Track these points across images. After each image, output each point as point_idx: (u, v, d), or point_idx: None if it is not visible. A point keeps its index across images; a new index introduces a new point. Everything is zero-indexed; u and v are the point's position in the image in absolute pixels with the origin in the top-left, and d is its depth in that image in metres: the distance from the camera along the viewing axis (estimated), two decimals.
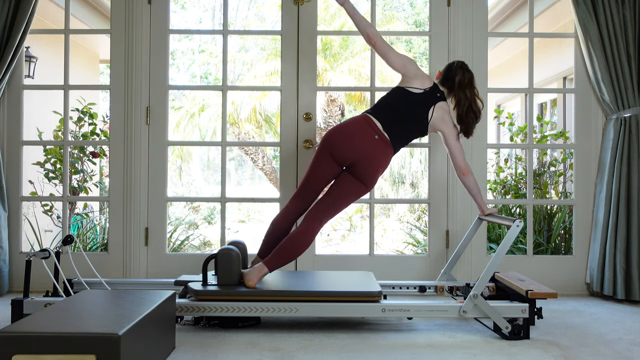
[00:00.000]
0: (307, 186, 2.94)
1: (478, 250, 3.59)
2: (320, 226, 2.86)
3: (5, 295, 3.46)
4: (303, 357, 2.32)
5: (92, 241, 4.80)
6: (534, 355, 2.38)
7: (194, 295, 2.67)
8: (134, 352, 1.85)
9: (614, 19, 3.44)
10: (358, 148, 2.80)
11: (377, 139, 2.82)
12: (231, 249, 2.76)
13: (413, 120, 2.90)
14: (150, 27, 3.62)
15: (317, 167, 2.90)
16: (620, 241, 3.40)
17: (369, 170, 2.82)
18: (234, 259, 2.74)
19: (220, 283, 2.74)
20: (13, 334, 1.76)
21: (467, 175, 2.96)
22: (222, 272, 2.74)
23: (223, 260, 2.74)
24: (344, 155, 2.82)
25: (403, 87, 2.95)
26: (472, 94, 2.96)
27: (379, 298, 2.67)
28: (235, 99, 10.88)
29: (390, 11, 13.79)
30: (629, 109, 3.44)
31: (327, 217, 2.86)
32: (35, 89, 4.74)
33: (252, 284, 2.70)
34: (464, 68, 3.00)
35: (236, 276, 2.75)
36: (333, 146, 2.84)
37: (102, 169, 5.62)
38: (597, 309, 3.24)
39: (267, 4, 13.67)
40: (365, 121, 2.86)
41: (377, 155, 2.82)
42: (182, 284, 2.87)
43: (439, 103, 2.93)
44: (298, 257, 2.84)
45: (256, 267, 2.75)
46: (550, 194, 4.84)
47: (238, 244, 2.95)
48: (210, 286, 2.72)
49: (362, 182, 2.84)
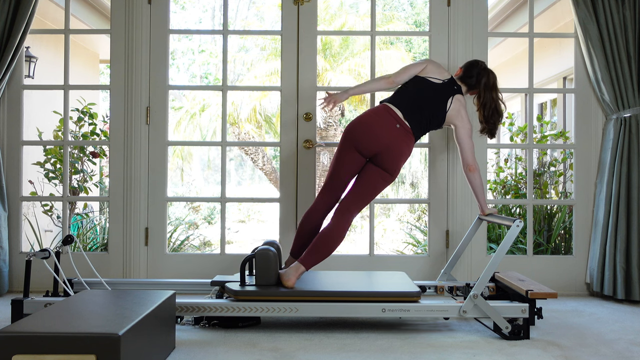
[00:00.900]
0: (334, 180, 2.97)
1: (478, 250, 3.59)
2: (352, 218, 2.87)
3: (5, 295, 3.46)
4: (303, 357, 2.32)
5: (92, 241, 4.80)
6: (534, 355, 2.38)
7: (233, 296, 2.67)
8: (134, 352, 1.85)
9: (614, 19, 3.44)
10: (380, 138, 2.84)
11: (398, 128, 2.86)
12: (269, 249, 2.76)
13: (432, 109, 2.95)
14: (150, 27, 3.62)
15: (341, 160, 2.93)
16: (620, 241, 3.40)
17: (393, 160, 2.85)
18: (271, 259, 2.74)
19: (259, 283, 2.74)
20: (13, 334, 1.76)
21: (474, 172, 3.00)
22: (260, 273, 2.74)
23: (261, 260, 2.74)
24: (368, 146, 2.86)
25: (423, 77, 3.01)
26: (497, 96, 3.07)
27: (418, 298, 2.68)
28: (235, 99, 10.88)
29: (390, 11, 13.80)
30: (629, 109, 3.44)
31: (357, 209, 2.89)
32: (35, 89, 4.74)
33: (291, 284, 2.71)
34: (488, 70, 3.09)
35: (274, 276, 2.75)
36: (356, 138, 2.88)
37: (102, 169, 5.62)
38: (597, 309, 3.24)
39: (267, 4, 13.68)
40: (385, 111, 2.90)
41: (399, 144, 2.85)
42: (219, 284, 2.87)
43: (457, 95, 3.00)
44: (333, 252, 2.84)
45: (293, 267, 2.76)
46: (550, 194, 4.84)
47: (273, 244, 2.95)
48: (249, 286, 2.72)
49: (387, 171, 2.86)
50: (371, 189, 2.88)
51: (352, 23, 11.19)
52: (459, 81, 3.07)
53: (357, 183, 2.91)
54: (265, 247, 2.80)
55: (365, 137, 2.86)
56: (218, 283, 2.89)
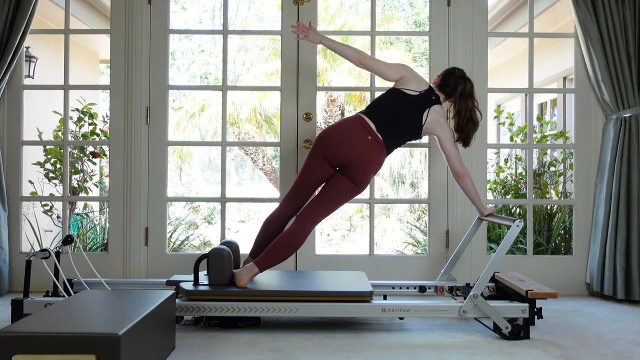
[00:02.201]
0: (300, 186, 2.94)
1: (478, 250, 3.59)
2: (312, 226, 2.84)
3: (5, 295, 3.46)
4: (303, 357, 2.32)
5: (92, 241, 4.80)
6: (534, 355, 2.38)
7: (185, 295, 2.67)
8: (134, 352, 1.85)
9: (614, 19, 3.44)
10: (351, 148, 2.79)
11: (370, 140, 2.81)
12: (223, 248, 2.76)
13: (407, 123, 2.89)
14: (150, 27, 3.62)
15: (309, 167, 2.89)
16: (620, 241, 3.40)
17: (362, 171, 2.80)
18: (225, 259, 2.74)
19: (212, 283, 2.74)
20: (13, 334, 1.76)
21: (464, 179, 2.95)
22: (213, 272, 2.74)
23: (214, 260, 2.74)
24: (337, 155, 2.81)
25: (398, 89, 2.94)
26: (473, 105, 2.98)
27: (370, 298, 2.67)
28: (235, 99, 10.88)
29: (390, 11, 13.80)
30: (629, 109, 3.44)
31: (319, 217, 2.85)
32: (35, 89, 4.75)
33: (243, 284, 2.71)
34: (466, 78, 3.01)
35: (227, 276, 2.74)
36: (326, 146, 2.83)
37: (102, 169, 5.62)
38: (597, 309, 3.24)
39: (267, 4, 13.68)
40: (359, 121, 2.85)
41: (370, 156, 2.81)
42: (174, 284, 2.87)
43: (434, 106, 2.93)
44: (289, 257, 2.82)
45: (247, 267, 2.76)
46: (550, 194, 4.84)
47: (230, 243, 2.96)
48: (202, 286, 2.72)
49: (355, 182, 2.82)
50: (336, 199, 2.85)
51: (352, 23, 11.18)
52: (437, 89, 3.00)
53: (323, 192, 2.86)
54: (219, 246, 2.79)
55: (335, 146, 2.81)
56: (173, 283, 2.89)
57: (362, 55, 3.03)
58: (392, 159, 10.90)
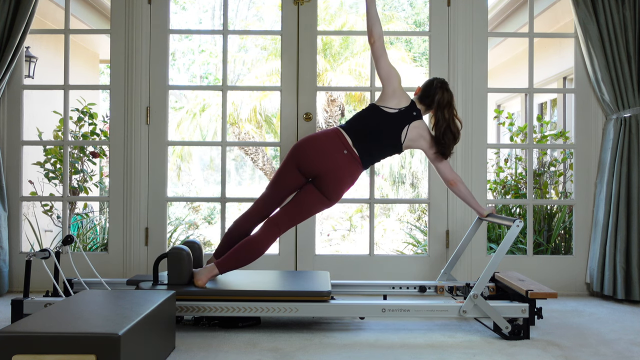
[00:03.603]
0: (271, 194, 2.93)
1: (478, 250, 3.59)
2: (278, 234, 2.83)
3: (5, 295, 3.46)
4: (303, 357, 2.32)
5: (92, 241, 4.80)
6: (534, 355, 2.38)
7: None
8: (134, 352, 1.85)
9: (614, 19, 3.44)
10: (325, 160, 2.76)
11: (345, 154, 2.78)
12: (182, 248, 2.76)
13: (386, 140, 2.86)
14: (150, 27, 3.62)
15: (282, 176, 2.87)
16: (620, 241, 3.40)
17: (333, 185, 2.77)
18: (184, 259, 2.73)
19: (171, 282, 2.74)
20: (13, 334, 1.76)
21: (457, 185, 2.93)
22: (172, 272, 2.74)
23: (173, 260, 2.73)
24: (310, 166, 2.78)
25: (378, 106, 2.89)
26: (451, 114, 2.90)
27: (328, 298, 2.67)
28: (235, 99, 10.88)
29: (390, 11, 13.81)
30: (629, 109, 3.44)
31: (286, 226, 2.83)
32: (35, 89, 4.75)
33: (201, 284, 2.70)
34: (444, 87, 2.93)
35: (186, 276, 2.74)
36: (300, 156, 2.80)
37: (102, 169, 5.62)
38: (597, 309, 3.24)
39: (267, 4, 13.67)
40: (336, 135, 2.81)
41: (343, 170, 2.77)
42: (134, 284, 2.87)
43: (414, 123, 2.88)
44: (252, 261, 2.79)
45: (207, 267, 2.76)
46: (550, 194, 4.84)
47: (192, 243, 2.95)
48: (160, 285, 2.73)
49: (326, 195, 2.79)
50: (305, 210, 2.82)
51: (352, 23, 11.19)
52: (418, 102, 2.93)
53: (293, 201, 2.84)
54: (179, 246, 2.79)
55: (309, 157, 2.78)
56: (133, 282, 2.89)
57: (379, 34, 2.94)
58: (392, 159, 10.90)
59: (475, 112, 3.60)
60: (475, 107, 3.60)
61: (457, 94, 3.59)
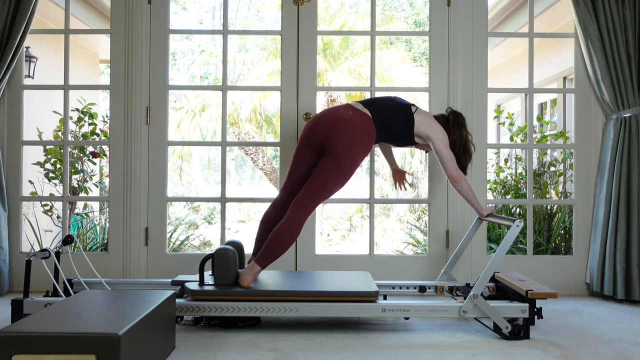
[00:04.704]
0: (291, 177, 2.97)
1: (478, 250, 3.59)
2: (305, 214, 2.79)
3: (5, 295, 3.46)
4: (303, 357, 2.32)
5: (92, 241, 4.80)
6: (534, 355, 2.37)
7: (191, 295, 2.67)
8: (134, 352, 1.85)
9: (614, 19, 3.44)
10: (329, 121, 2.81)
11: (351, 114, 2.84)
12: (227, 248, 2.77)
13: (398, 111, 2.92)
14: (150, 27, 3.62)
15: (296, 156, 2.95)
16: (620, 241, 3.40)
17: (341, 139, 2.75)
18: (230, 259, 2.74)
19: (217, 283, 2.74)
20: (13, 334, 1.75)
21: (460, 183, 2.90)
22: (218, 272, 2.75)
23: (220, 260, 2.74)
24: (317, 131, 2.83)
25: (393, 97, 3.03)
26: (467, 134, 2.99)
27: (376, 298, 2.67)
28: (235, 99, 10.88)
29: (390, 11, 13.80)
30: (629, 109, 3.44)
31: (310, 204, 2.80)
32: (35, 89, 4.74)
33: (247, 284, 2.71)
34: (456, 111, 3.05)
35: (232, 276, 2.75)
36: (308, 130, 2.88)
37: (102, 169, 5.62)
38: (597, 309, 3.24)
39: (267, 4, 13.68)
40: (342, 105, 2.92)
41: (350, 122, 2.79)
42: (179, 284, 2.88)
43: (419, 109, 2.97)
44: (287, 248, 2.78)
45: (249, 267, 2.76)
46: (550, 194, 4.84)
47: (235, 243, 2.96)
48: (207, 286, 2.72)
49: (334, 155, 2.76)
50: (323, 179, 2.77)
51: (352, 23, 11.19)
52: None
53: (311, 177, 2.83)
54: (224, 246, 2.80)
55: (315, 124, 2.86)
56: (178, 283, 2.89)
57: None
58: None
59: (475, 112, 3.60)
60: (475, 107, 3.60)
61: (457, 94, 3.59)
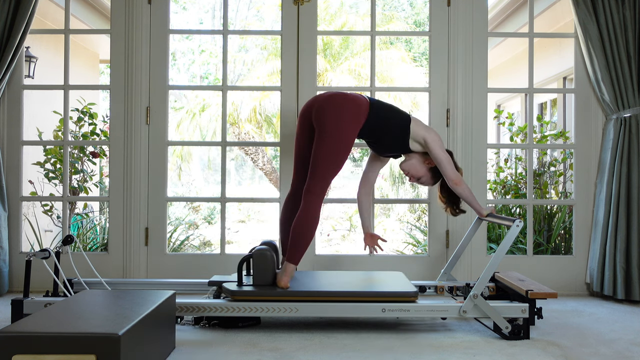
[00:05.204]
0: (296, 166, 3.00)
1: (478, 250, 3.59)
2: (317, 197, 2.74)
3: (5, 295, 3.46)
4: (303, 357, 2.32)
5: (92, 241, 4.80)
6: (534, 355, 2.37)
7: (230, 296, 2.67)
8: (134, 352, 1.85)
9: (614, 19, 3.44)
10: (320, 98, 2.85)
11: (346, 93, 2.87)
12: (266, 249, 2.77)
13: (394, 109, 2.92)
14: (150, 27, 3.62)
15: (297, 142, 2.96)
16: (620, 241, 3.40)
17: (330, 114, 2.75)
18: (268, 259, 2.75)
19: (256, 284, 2.75)
20: (13, 334, 1.76)
21: (460, 185, 2.85)
22: (257, 273, 2.75)
23: (258, 260, 2.74)
24: (310, 111, 2.85)
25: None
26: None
27: (416, 298, 2.68)
28: (235, 99, 10.88)
29: (390, 11, 13.81)
30: (629, 109, 3.44)
31: (317, 187, 2.75)
32: (35, 89, 4.74)
33: (284, 284, 2.71)
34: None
35: (271, 276, 2.75)
36: (304, 110, 2.91)
37: (102, 169, 5.62)
38: (597, 309, 3.24)
39: (267, 4, 13.68)
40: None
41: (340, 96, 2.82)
42: (216, 284, 2.88)
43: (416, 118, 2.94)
44: (313, 236, 2.77)
45: (283, 267, 2.77)
46: (550, 194, 4.84)
47: (270, 243, 2.94)
48: (246, 287, 2.72)
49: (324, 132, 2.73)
50: (320, 159, 2.73)
51: (352, 23, 11.19)
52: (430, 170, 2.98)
53: (310, 160, 2.81)
54: (262, 247, 2.80)
55: (309, 105, 2.89)
56: (215, 283, 2.90)
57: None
58: (392, 159, 10.88)
59: (475, 112, 3.60)
60: (475, 107, 3.60)
61: (457, 94, 3.59)
